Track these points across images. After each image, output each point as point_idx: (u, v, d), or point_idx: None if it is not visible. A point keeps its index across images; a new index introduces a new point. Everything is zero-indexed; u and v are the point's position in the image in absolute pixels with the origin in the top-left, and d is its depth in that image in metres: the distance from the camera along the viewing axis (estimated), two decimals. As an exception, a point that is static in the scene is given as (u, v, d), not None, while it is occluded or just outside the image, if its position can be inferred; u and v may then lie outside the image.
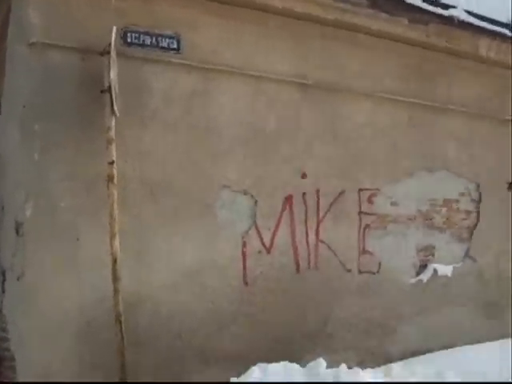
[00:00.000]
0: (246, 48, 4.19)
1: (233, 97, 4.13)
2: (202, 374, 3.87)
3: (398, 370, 4.00)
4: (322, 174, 4.53)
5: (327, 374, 3.53)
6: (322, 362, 3.61)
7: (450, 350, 5.11)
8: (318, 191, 4.48)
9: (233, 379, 3.51)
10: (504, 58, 5.55)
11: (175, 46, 3.78)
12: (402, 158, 5.02)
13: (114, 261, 3.37)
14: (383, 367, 4.22)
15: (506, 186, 5.75)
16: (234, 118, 4.13)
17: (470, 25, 5.13)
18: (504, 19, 5.45)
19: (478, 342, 5.24)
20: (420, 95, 5.11)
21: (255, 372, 3.50)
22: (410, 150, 5.08)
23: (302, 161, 4.45)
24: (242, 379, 3.49)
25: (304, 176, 4.43)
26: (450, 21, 4.99)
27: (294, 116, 4.44)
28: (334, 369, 3.58)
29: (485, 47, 5.38)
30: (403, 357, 4.86)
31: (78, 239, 3.47)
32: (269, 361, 3.54)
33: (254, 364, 3.51)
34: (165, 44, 3.74)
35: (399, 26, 4.78)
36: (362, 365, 4.05)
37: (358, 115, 4.77)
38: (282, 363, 3.62)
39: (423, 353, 4.97)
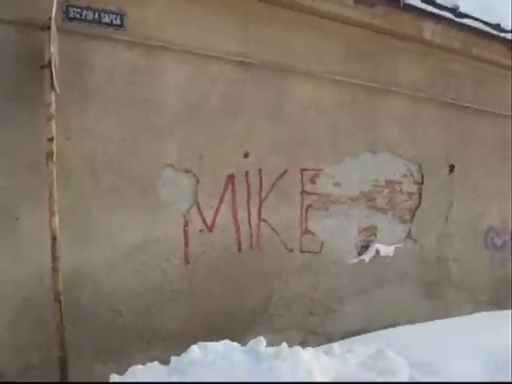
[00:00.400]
0: (191, 25, 4.56)
1: (176, 74, 4.51)
2: (143, 352, 4.22)
3: (338, 349, 4.35)
4: (264, 153, 4.99)
5: (267, 352, 3.82)
6: (261, 340, 3.91)
7: (391, 329, 5.56)
8: (260, 170, 4.95)
9: (173, 358, 3.79)
10: (448, 41, 6.20)
11: (118, 21, 4.10)
12: (345, 139, 5.57)
13: (53, 239, 3.68)
14: (324, 346, 4.62)
15: (448, 168, 6.47)
16: (177, 96, 4.51)
17: (415, 8, 5.69)
18: (449, 4, 6.09)
19: (419, 321, 5.77)
20: (364, 77, 5.66)
21: (194, 351, 3.77)
22: (354, 131, 5.63)
23: (244, 140, 4.90)
24: (181, 358, 3.76)
25: (246, 155, 4.88)
26: (395, 3, 5.51)
27: (238, 95, 4.87)
28: (274, 347, 3.88)
29: (429, 31, 5.99)
30: (345, 336, 5.36)
31: (17, 218, 3.77)
32: (210, 340, 3.88)
33: (196, 343, 3.85)
34: (108, 20, 4.04)
35: (345, 7, 5.27)
36: (305, 344, 4.51)
37: (301, 95, 5.26)
38: (221, 342, 3.97)
39: (365, 332, 5.46)
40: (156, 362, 3.81)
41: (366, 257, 5.74)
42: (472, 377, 4.17)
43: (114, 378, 3.76)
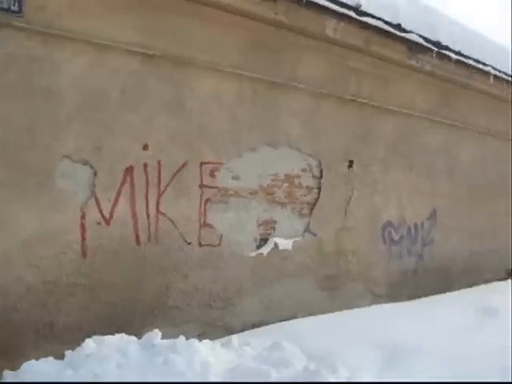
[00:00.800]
0: (92, 15, 4.95)
1: (75, 64, 4.89)
2: (39, 348, 4.50)
3: (236, 342, 4.87)
4: (164, 146, 5.49)
5: (163, 345, 4.22)
6: (157, 333, 4.36)
7: (289, 321, 6.18)
8: (159, 163, 5.44)
9: (68, 352, 4.14)
10: (349, 39, 7.00)
11: (16, 7, 4.39)
12: (246, 133, 6.21)
13: None
14: (222, 339, 5.16)
15: (347, 163, 7.34)
16: (75, 87, 4.90)
17: (318, 5, 6.36)
18: (351, 2, 6.81)
19: (317, 313, 6.49)
20: (266, 71, 6.31)
21: (89, 344, 4.15)
22: (254, 125, 6.28)
23: (144, 132, 5.36)
24: (76, 352, 4.10)
25: (146, 147, 5.36)
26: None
27: (138, 86, 5.33)
28: (169, 340, 4.31)
29: (331, 28, 6.74)
30: (244, 329, 5.97)
31: None
32: (109, 334, 4.27)
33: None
34: (5, 5, 4.33)
35: (247, 1, 5.83)
36: (204, 337, 4.94)
37: (202, 88, 5.82)
38: (117, 335, 4.32)
39: (264, 324, 6.07)
40: (50, 357, 4.11)
41: (265, 250, 6.37)
42: (367, 368, 4.80)
43: (8, 374, 4.06)
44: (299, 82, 6.72)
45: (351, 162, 7.43)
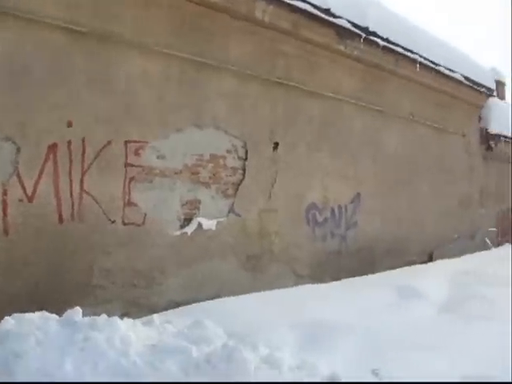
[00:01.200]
0: None
1: None
2: None
3: (158, 320, 4.97)
4: (89, 123, 5.72)
5: (83, 323, 4.27)
6: (78, 311, 4.39)
7: (212, 300, 6.37)
8: (83, 140, 5.68)
9: None
10: (278, 22, 7.44)
11: None
12: (172, 113, 6.51)
13: None
14: (145, 318, 5.25)
15: (272, 145, 7.78)
16: (-3, 62, 5.06)
17: None
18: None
19: (241, 293, 6.75)
20: (194, 51, 6.64)
21: (9, 322, 4.18)
22: (181, 105, 6.59)
23: (69, 109, 5.56)
24: None
25: (70, 124, 5.57)
26: (227, -20, 6.53)
27: (63, 63, 5.54)
28: (90, 317, 4.36)
29: (261, 10, 7.16)
30: (167, 308, 6.13)
31: None
32: (30, 312, 4.30)
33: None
34: None
35: None
36: (127, 316, 5.02)
37: (129, 66, 6.08)
38: (38, 313, 4.36)
39: (188, 304, 6.21)
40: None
41: (189, 230, 6.70)
42: (286, 346, 5.00)
43: None
44: (227, 64, 7.08)
45: (276, 144, 7.86)
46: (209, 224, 6.95)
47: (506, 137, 14.93)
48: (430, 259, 11.70)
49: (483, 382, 4.28)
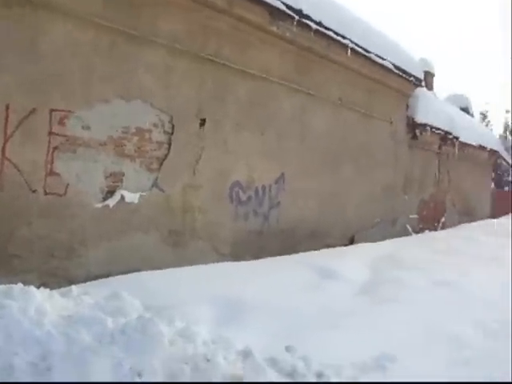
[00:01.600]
0: None
1: None
2: None
3: (75, 291, 5.16)
4: (12, 89, 5.80)
5: None
6: None
7: (132, 274, 6.59)
8: (7, 107, 5.76)
9: None
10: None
11: None
12: (99, 84, 6.65)
13: None
14: (63, 289, 5.43)
15: (199, 122, 8.03)
16: None
17: None
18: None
19: (162, 268, 6.97)
20: (124, 23, 6.79)
21: None
22: (108, 76, 6.75)
23: None
24: None
25: None
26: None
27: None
28: (5, 285, 4.50)
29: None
30: (87, 280, 6.29)
31: None
32: None
33: None
34: None
35: None
36: (45, 286, 5.18)
37: (57, 33, 6.18)
38: None
39: (108, 276, 6.43)
40: None
41: (111, 202, 6.86)
42: (203, 321, 5.21)
43: None
44: (157, 37, 7.26)
45: (203, 121, 8.10)
46: (131, 197, 7.11)
47: (431, 126, 15.73)
48: (352, 243, 12.25)
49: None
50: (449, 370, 4.81)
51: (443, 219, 18.41)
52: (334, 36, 10.24)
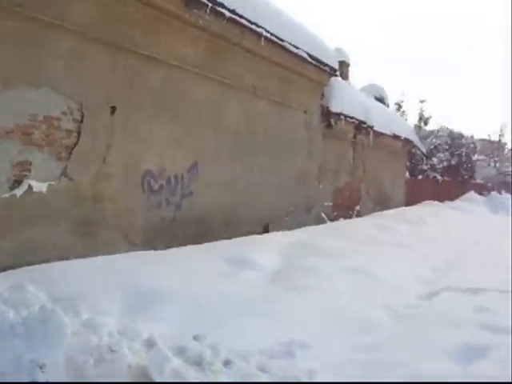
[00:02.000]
0: None
1: None
2: None
3: None
4: None
5: None
6: None
7: (39, 265, 6.60)
8: None
9: None
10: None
11: None
12: (4, 69, 6.59)
13: None
14: None
15: (110, 110, 8.12)
16: None
17: None
18: None
19: (71, 258, 7.11)
20: (33, 8, 6.76)
21: None
22: (15, 62, 6.71)
23: None
24: None
25: None
26: None
27: None
28: None
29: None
30: None
31: None
32: None
33: None
34: None
35: None
36: None
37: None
38: None
39: (15, 268, 6.39)
40: None
41: (18, 192, 6.84)
42: (109, 312, 5.33)
43: None
44: (67, 23, 7.29)
45: (114, 109, 8.20)
46: (39, 187, 7.11)
47: (346, 116, 16.33)
48: (266, 231, 12.60)
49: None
50: (361, 355, 5.11)
51: (358, 207, 19.16)
52: (248, 24, 10.47)
